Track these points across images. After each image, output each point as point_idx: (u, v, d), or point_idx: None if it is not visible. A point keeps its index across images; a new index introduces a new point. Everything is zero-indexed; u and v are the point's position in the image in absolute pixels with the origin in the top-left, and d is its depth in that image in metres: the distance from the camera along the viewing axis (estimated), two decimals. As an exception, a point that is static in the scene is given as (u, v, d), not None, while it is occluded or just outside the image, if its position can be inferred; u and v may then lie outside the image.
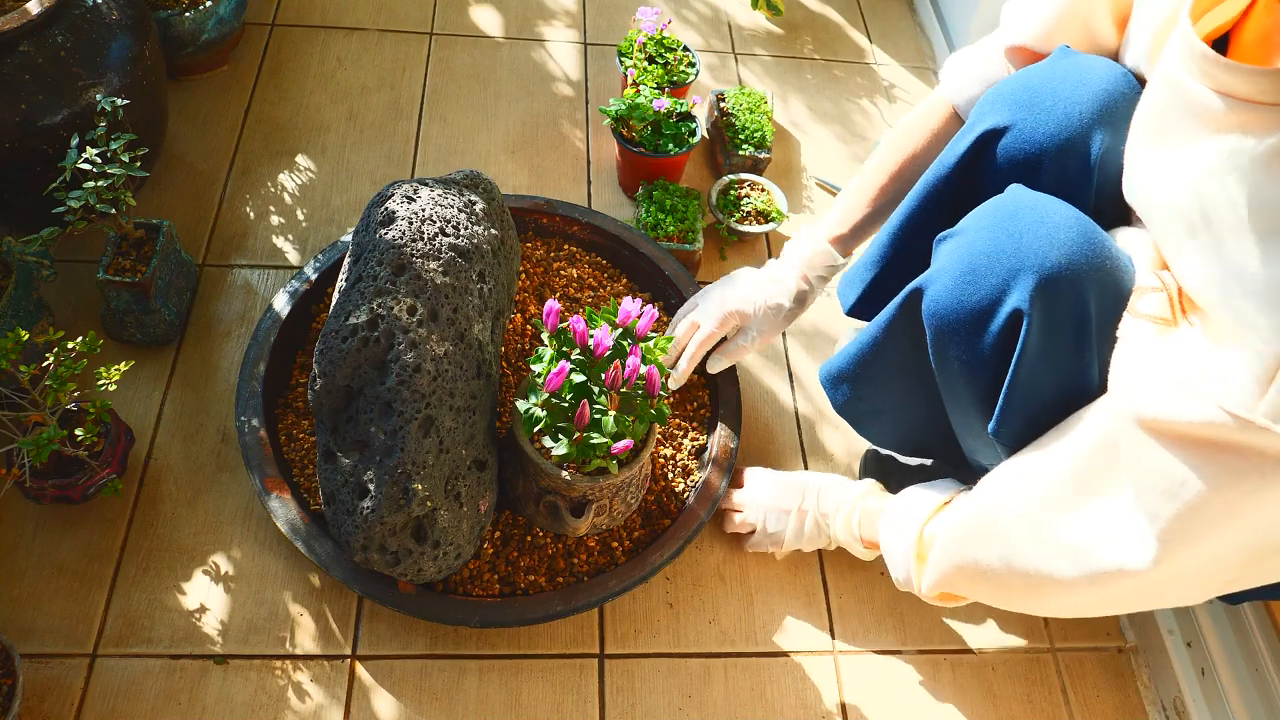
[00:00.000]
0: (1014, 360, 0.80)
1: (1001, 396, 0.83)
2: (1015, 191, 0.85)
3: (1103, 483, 0.71)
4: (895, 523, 0.99)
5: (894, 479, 1.22)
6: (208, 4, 1.45)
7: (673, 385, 1.19)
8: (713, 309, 1.16)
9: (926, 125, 1.08)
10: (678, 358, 1.18)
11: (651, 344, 1.00)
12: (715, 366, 1.20)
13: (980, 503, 0.88)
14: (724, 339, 1.19)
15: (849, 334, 1.36)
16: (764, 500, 1.14)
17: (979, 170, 0.94)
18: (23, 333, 0.96)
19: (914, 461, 1.23)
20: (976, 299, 0.82)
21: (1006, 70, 1.01)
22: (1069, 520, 0.76)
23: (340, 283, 1.05)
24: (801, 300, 1.14)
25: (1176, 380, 0.62)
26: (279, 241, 1.38)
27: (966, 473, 1.00)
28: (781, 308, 1.13)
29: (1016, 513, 0.82)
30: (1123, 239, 0.83)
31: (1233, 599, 0.94)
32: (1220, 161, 0.59)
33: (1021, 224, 0.81)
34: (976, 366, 0.85)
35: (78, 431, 0.99)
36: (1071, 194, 0.84)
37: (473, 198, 1.12)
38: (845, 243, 1.12)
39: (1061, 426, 0.82)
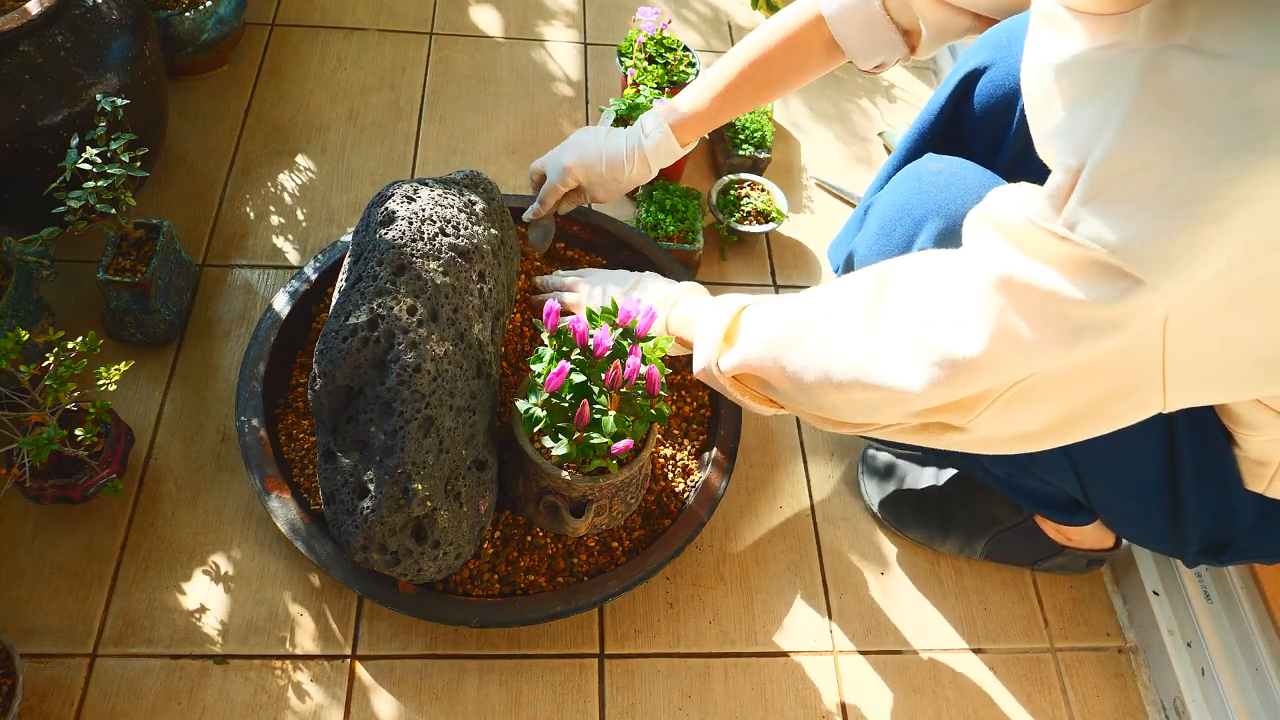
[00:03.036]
0: None
1: None
2: (928, 156, 0.93)
3: (954, 298, 0.70)
4: (713, 309, 0.94)
5: (893, 481, 1.22)
6: (208, 4, 1.45)
7: (527, 216, 1.27)
8: (562, 165, 1.22)
9: (789, 28, 1.08)
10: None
11: (651, 344, 1.00)
12: (563, 209, 1.28)
13: (826, 298, 0.83)
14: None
15: None
16: (595, 298, 1.17)
17: (963, 113, 0.97)
18: (23, 333, 0.96)
19: (913, 463, 1.23)
20: (892, 249, 0.91)
21: None
22: (914, 322, 0.73)
23: (340, 283, 1.05)
24: (641, 173, 1.20)
25: (1005, 191, 0.68)
26: (279, 241, 1.38)
27: (940, 454, 1.01)
28: (618, 177, 1.20)
29: (867, 316, 0.77)
30: None
31: (1218, 559, 0.94)
32: (1048, 53, 0.66)
33: (928, 181, 0.90)
34: None
35: (78, 431, 0.99)
36: None
37: (473, 198, 1.12)
38: (686, 130, 1.16)
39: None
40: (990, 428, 0.72)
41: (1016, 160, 0.96)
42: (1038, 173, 0.84)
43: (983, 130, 0.98)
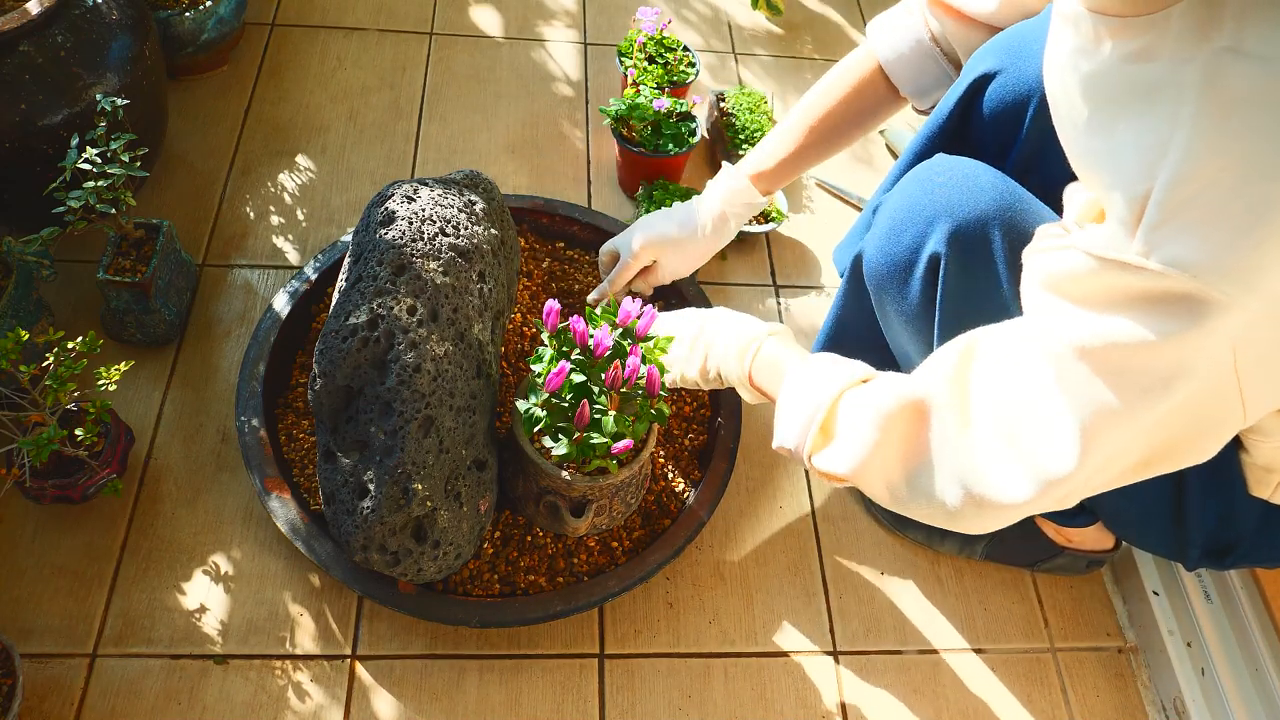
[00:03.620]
0: (938, 301, 0.87)
1: (935, 339, 0.88)
2: (938, 156, 0.92)
3: (1037, 388, 0.69)
4: (804, 381, 0.87)
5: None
6: (208, 4, 1.45)
7: (592, 298, 1.23)
8: (633, 241, 1.20)
9: (852, 78, 1.12)
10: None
11: (651, 344, 1.00)
12: (637, 288, 1.24)
13: (920, 398, 0.78)
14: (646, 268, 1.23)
15: None
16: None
17: (971, 117, 0.98)
18: (23, 333, 0.96)
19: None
20: (901, 250, 0.90)
21: (928, 26, 1.04)
22: (1008, 426, 0.71)
23: (340, 283, 1.05)
24: (719, 233, 1.19)
25: (1055, 240, 0.66)
26: (279, 241, 1.38)
27: None
28: (694, 237, 1.19)
29: (960, 420, 0.74)
30: (1069, 191, 0.84)
31: (1220, 563, 0.94)
32: (1071, 57, 0.66)
33: (939, 181, 0.89)
34: (910, 315, 0.91)
35: (78, 431, 0.99)
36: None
37: (473, 198, 1.12)
38: (766, 182, 1.17)
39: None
40: (1087, 490, 0.71)
41: (1026, 165, 0.96)
42: (1048, 176, 0.84)
43: (992, 135, 0.98)
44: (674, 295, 1.30)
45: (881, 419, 0.79)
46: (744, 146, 1.51)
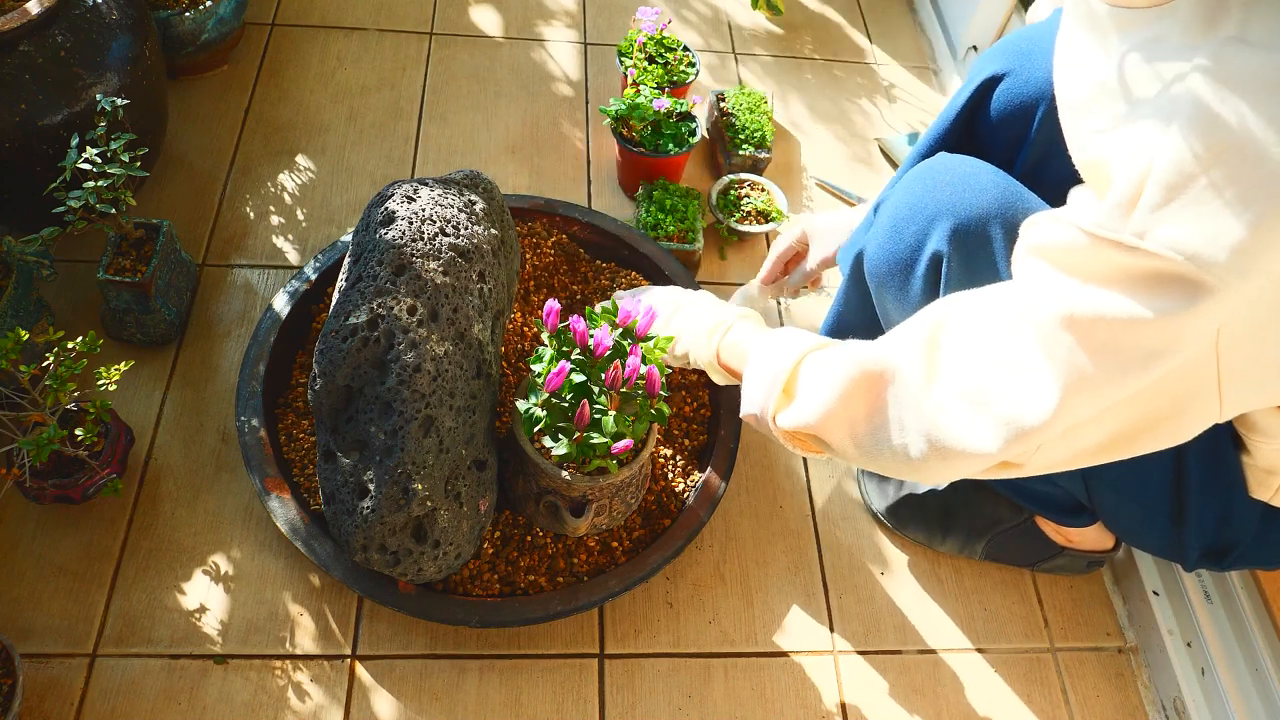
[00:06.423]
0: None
1: None
2: (941, 155, 0.92)
3: (1017, 347, 0.68)
4: (769, 349, 0.89)
5: (893, 481, 1.22)
6: (208, 4, 1.45)
7: (753, 291, 1.26)
8: (793, 229, 1.21)
9: None
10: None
11: (651, 344, 1.00)
12: (792, 283, 1.24)
13: (885, 354, 0.79)
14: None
15: None
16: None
17: (978, 121, 0.97)
18: (23, 333, 0.96)
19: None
20: (902, 248, 0.90)
21: None
22: (980, 379, 0.71)
23: (340, 283, 1.05)
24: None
25: (1050, 214, 0.67)
26: (279, 241, 1.38)
27: None
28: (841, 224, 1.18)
29: (928, 373, 0.74)
30: (1074, 193, 0.84)
31: (1219, 564, 0.94)
32: (1083, 52, 0.65)
33: (940, 180, 0.88)
34: (911, 313, 0.89)
35: (78, 431, 0.99)
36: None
37: (473, 198, 1.12)
38: None
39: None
40: (1048, 458, 0.71)
41: (1034, 168, 0.95)
42: (1055, 180, 0.84)
43: (999, 138, 0.97)
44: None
45: (846, 373, 0.80)
46: (744, 146, 1.51)
